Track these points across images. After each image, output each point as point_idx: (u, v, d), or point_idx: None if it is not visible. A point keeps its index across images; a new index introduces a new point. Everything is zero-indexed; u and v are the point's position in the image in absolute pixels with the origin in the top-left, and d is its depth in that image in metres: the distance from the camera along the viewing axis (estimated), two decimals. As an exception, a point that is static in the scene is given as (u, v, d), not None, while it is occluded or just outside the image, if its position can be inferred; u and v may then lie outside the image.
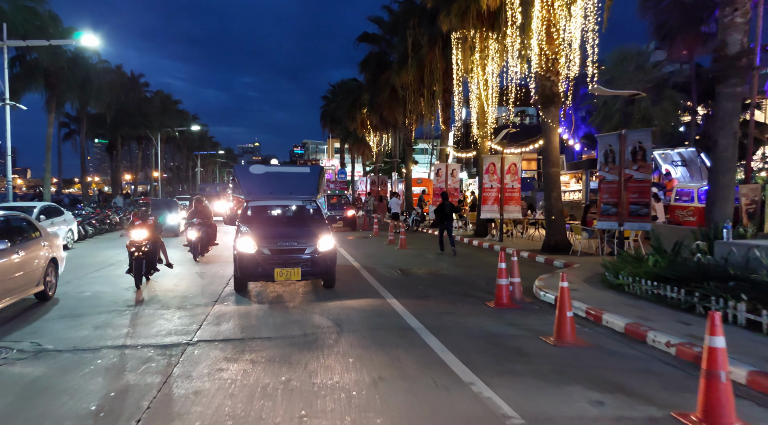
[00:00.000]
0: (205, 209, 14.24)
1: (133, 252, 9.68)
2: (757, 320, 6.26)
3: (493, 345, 6.33)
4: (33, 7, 21.94)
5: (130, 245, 9.81)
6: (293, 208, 11.49)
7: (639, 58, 22.67)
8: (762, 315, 6.17)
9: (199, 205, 14.32)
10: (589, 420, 4.22)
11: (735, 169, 9.54)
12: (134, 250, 9.66)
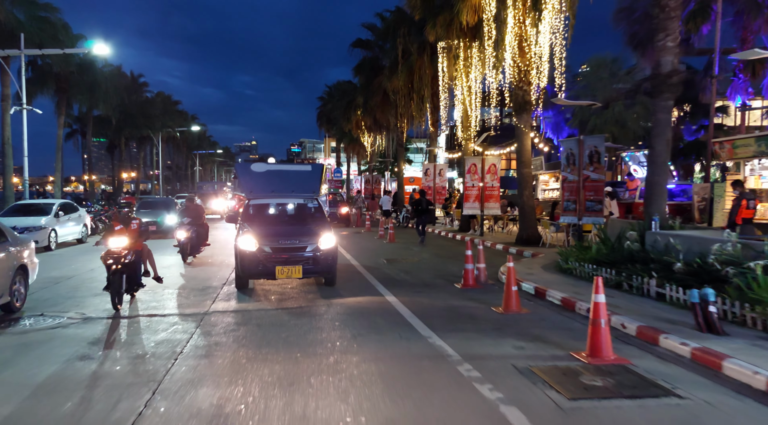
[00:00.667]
0: (197, 208, 13.81)
1: (110, 265, 7.78)
2: (662, 292, 7.82)
3: (451, 313, 7.88)
4: (46, 17, 23.38)
5: (106, 256, 7.88)
6: (295, 206, 11.44)
7: (613, 65, 24.27)
8: (665, 289, 7.73)
9: (191, 203, 13.95)
10: (509, 357, 5.76)
11: (667, 171, 11.10)
12: (112, 263, 7.79)
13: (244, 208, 10.97)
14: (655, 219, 9.70)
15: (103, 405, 4.55)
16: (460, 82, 20.56)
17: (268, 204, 11.20)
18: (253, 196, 10.98)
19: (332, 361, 5.64)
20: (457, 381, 5.03)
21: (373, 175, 40.64)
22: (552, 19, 14.90)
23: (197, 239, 13.25)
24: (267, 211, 11.11)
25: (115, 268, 7.83)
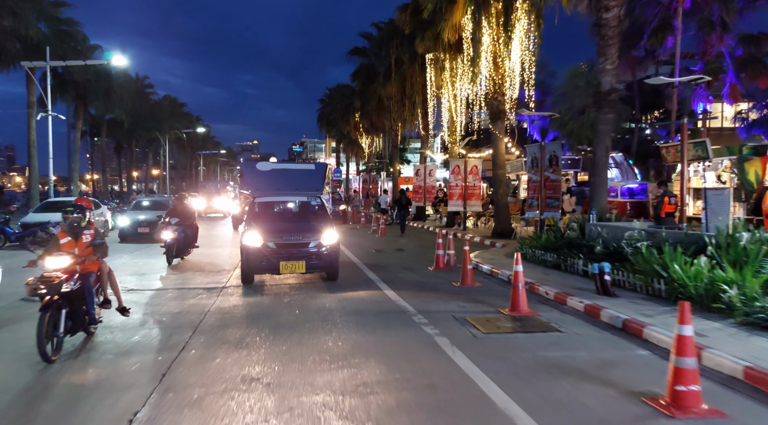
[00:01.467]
0: (185, 208, 13.26)
1: (43, 296, 5.51)
2: (586, 270, 9.88)
3: (419, 286, 9.94)
4: (68, 30, 25.47)
5: (36, 284, 5.50)
6: (298, 204, 11.83)
7: (588, 74, 26.29)
8: (588, 267, 9.78)
9: (180, 202, 13.38)
10: (451, 312, 7.80)
11: (606, 173, 13.14)
12: (45, 293, 5.50)
13: (249, 206, 11.32)
14: (593, 213, 11.76)
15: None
16: (447, 91, 22.59)
17: (272, 202, 11.56)
18: (259, 194, 11.22)
19: (322, 316, 7.70)
20: (410, 324, 7.09)
21: (371, 175, 42.73)
22: (522, 39, 16.96)
23: (185, 241, 12.68)
24: (272, 209, 11.50)
25: (48, 300, 5.54)
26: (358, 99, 35.76)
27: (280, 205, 11.94)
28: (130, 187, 45.17)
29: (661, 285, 7.89)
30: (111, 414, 4.34)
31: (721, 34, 20.19)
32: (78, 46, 26.10)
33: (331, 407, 4.41)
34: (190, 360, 5.67)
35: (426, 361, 5.56)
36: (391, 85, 27.80)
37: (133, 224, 18.28)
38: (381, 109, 32.27)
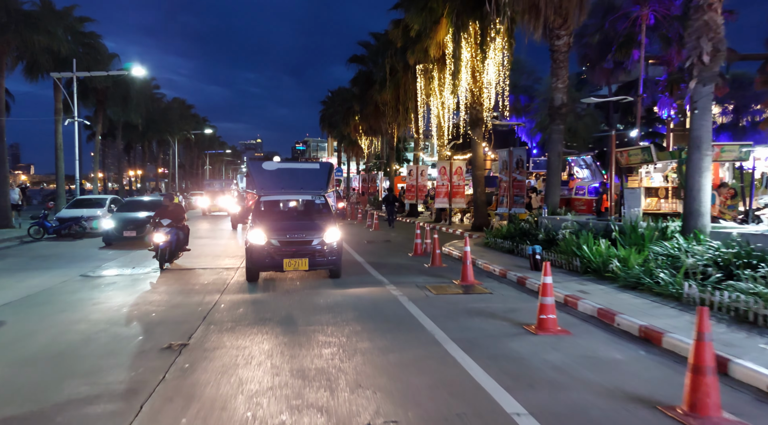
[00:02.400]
0: (176, 209, 12.58)
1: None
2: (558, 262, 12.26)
3: (397, 267, 12.34)
4: (90, 42, 27.95)
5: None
6: (303, 202, 12.10)
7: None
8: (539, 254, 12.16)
9: (170, 203, 12.66)
10: (416, 283, 10.19)
11: (559, 174, 15.52)
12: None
13: (254, 204, 11.54)
14: (545, 208, 14.16)
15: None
16: (435, 99, 24.94)
17: (277, 200, 11.84)
18: (264, 193, 11.46)
19: (316, 286, 10.13)
20: (383, 288, 9.51)
21: (370, 174, 45.14)
22: (495, 56, 19.32)
23: (176, 243, 12.16)
24: (276, 207, 11.77)
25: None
26: (357, 103, 38.15)
27: (285, 204, 12.21)
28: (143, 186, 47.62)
29: (576, 262, 10.29)
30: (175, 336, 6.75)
31: (678, 49, 22.49)
32: (98, 57, 28.55)
33: (319, 331, 6.84)
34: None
35: (387, 309, 7.98)
36: (386, 91, 30.17)
37: (119, 226, 16.69)
38: (378, 113, 34.66)
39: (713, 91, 10.27)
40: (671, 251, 9.07)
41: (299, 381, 5.05)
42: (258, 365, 5.53)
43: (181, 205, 13.28)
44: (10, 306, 8.44)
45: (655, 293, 8.11)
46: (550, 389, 4.81)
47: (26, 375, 5.34)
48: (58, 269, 12.06)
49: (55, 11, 25.02)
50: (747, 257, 7.99)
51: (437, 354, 5.85)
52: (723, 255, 8.26)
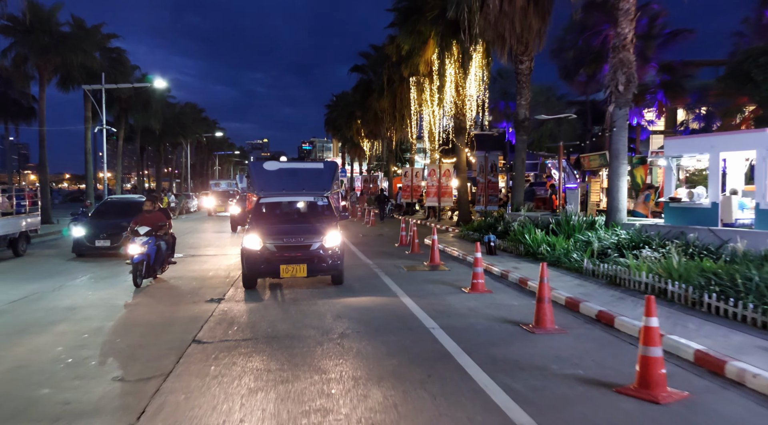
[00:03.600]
0: (157, 214, 10.73)
1: None
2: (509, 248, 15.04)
3: (383, 253, 15.14)
4: (116, 56, 30.97)
5: None
6: (303, 204, 11.48)
7: (548, 92, 31.29)
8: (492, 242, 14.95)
9: (151, 206, 10.76)
10: (396, 264, 13.00)
11: (523, 177, 18.26)
12: None
13: (254, 207, 11.13)
14: (509, 205, 16.93)
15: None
16: (426, 108, 27.73)
17: (276, 202, 11.29)
18: (264, 194, 11.04)
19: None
20: (367, 267, 12.32)
21: (371, 175, 47.97)
22: (476, 73, 22.07)
23: (158, 256, 10.30)
24: (275, 210, 11.20)
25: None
26: (359, 109, 41.02)
27: (285, 206, 11.59)
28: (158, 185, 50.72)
29: (521, 247, 13.06)
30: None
31: (641, 64, 25.10)
32: (123, 69, 31.56)
33: (308, 289, 9.66)
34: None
35: (368, 280, 10.80)
36: (384, 99, 33.01)
37: (90, 234, 14.37)
38: (377, 119, 37.50)
39: (627, 113, 12.99)
40: (588, 238, 11.83)
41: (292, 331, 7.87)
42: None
43: (165, 210, 11.41)
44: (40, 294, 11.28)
45: (566, 268, 10.88)
46: (458, 317, 7.61)
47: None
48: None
49: (87, 30, 28.01)
50: (636, 241, 10.75)
51: (395, 302, 8.66)
52: (623, 241, 11.02)
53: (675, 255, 8.54)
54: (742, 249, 8.88)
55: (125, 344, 6.56)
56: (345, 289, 9.82)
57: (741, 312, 6.62)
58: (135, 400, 4.74)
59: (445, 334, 6.71)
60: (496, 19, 16.66)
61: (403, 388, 4.92)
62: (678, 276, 7.91)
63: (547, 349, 6.10)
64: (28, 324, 7.57)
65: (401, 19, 24.67)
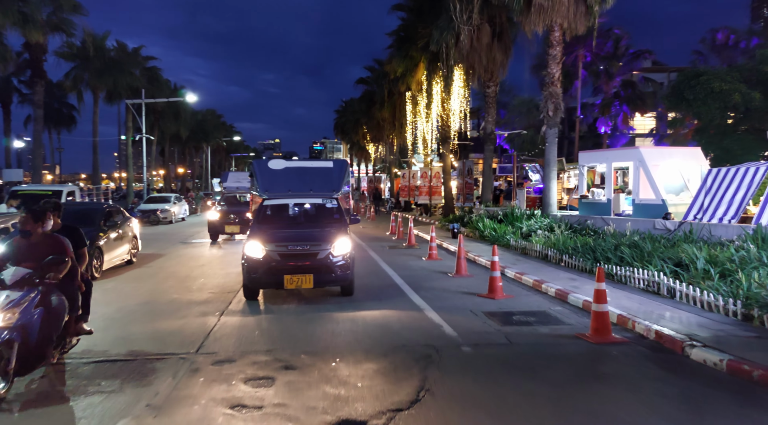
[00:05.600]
0: (47, 240, 5.43)
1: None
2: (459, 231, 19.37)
3: (375, 238, 19.53)
4: (153, 74, 35.71)
5: None
6: (311, 207, 10.63)
7: (530, 103, 35.47)
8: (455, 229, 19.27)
9: (33, 225, 5.34)
10: (384, 247, 17.38)
11: (491, 179, 22.54)
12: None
13: (257, 210, 10.47)
14: (477, 202, 21.24)
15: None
16: (420, 119, 32.08)
17: (281, 205, 10.48)
18: (269, 196, 10.34)
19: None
20: (362, 248, 16.72)
21: (375, 175, 52.38)
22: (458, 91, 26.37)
23: (43, 328, 5.02)
24: (280, 213, 10.42)
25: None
26: (364, 117, 45.46)
27: (290, 209, 10.61)
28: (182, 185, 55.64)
29: (478, 233, 17.38)
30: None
31: (606, 80, 29.32)
32: (158, 84, 36.27)
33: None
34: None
35: (361, 255, 15.19)
36: (385, 110, 37.41)
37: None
38: (380, 127, 41.92)
39: (557, 134, 17.26)
40: (524, 225, 16.12)
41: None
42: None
43: (62, 239, 5.51)
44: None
45: (503, 245, 15.18)
46: (411, 271, 11.97)
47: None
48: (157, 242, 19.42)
49: (129, 53, 32.74)
50: (552, 226, 15.04)
51: (375, 266, 13.05)
52: (543, 226, 15.31)
53: (559, 234, 12.86)
54: (611, 230, 13.16)
55: None
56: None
57: (573, 263, 10.94)
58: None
59: (400, 278, 11.07)
60: (467, 53, 20.98)
61: (372, 299, 9.31)
62: (553, 246, 12.23)
63: (455, 284, 10.45)
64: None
65: (397, 45, 29.05)
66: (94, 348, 6.22)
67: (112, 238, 11.82)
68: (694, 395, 4.94)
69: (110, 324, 7.38)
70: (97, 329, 6.40)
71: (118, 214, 13.01)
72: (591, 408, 4.66)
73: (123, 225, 12.87)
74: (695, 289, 7.71)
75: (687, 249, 9.45)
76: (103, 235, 11.37)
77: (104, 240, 11.32)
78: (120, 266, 12.55)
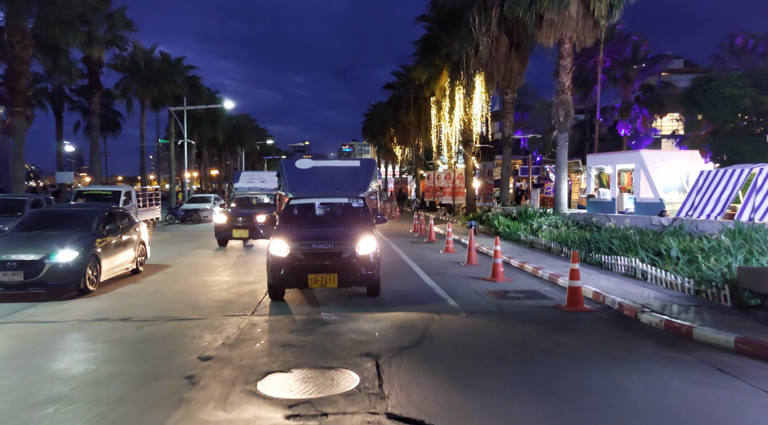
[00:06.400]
0: None
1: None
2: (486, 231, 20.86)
3: (399, 235, 21.18)
4: (193, 83, 38.21)
5: None
6: (337, 206, 10.70)
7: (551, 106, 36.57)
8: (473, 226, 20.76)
9: None
10: (407, 242, 19.03)
11: (509, 180, 23.92)
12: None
13: (283, 208, 10.59)
14: (497, 200, 22.67)
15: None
16: (444, 123, 33.61)
17: (307, 204, 10.53)
18: (295, 195, 10.42)
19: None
20: (386, 242, 18.40)
21: (402, 177, 54.03)
22: (480, 97, 27.84)
23: None
24: (305, 212, 10.48)
25: None
26: (390, 121, 47.18)
27: (316, 208, 10.72)
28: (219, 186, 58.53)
29: (493, 230, 18.86)
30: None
31: (624, 85, 30.30)
32: (198, 92, 38.76)
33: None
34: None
35: (385, 248, 16.87)
36: (410, 114, 39.05)
37: None
38: (406, 130, 43.58)
39: (567, 139, 18.61)
40: (535, 222, 17.54)
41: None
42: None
43: None
44: (180, 254, 17.82)
45: (515, 240, 16.65)
46: (428, 261, 13.58)
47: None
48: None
49: (172, 63, 35.24)
50: (560, 222, 16.43)
51: (396, 256, 14.70)
52: (552, 223, 16.72)
53: (562, 229, 14.28)
54: (612, 225, 14.51)
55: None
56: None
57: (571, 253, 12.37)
58: (270, 279, 11.16)
59: (418, 267, 12.70)
60: (486, 62, 22.45)
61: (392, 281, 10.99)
62: (556, 239, 13.67)
63: (465, 271, 12.02)
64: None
65: (422, 53, 30.68)
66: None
67: (113, 244, 10.53)
68: (629, 342, 6.45)
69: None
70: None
71: (121, 218, 11.62)
72: (546, 347, 6.24)
73: (128, 229, 11.52)
74: (662, 272, 9.12)
75: (666, 241, 10.82)
76: (101, 241, 10.09)
77: (101, 247, 9.98)
78: (124, 276, 11.34)
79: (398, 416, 4.39)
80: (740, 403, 4.69)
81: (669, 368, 5.52)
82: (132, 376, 5.42)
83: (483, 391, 4.92)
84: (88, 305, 8.81)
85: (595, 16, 17.25)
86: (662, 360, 5.76)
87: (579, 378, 5.26)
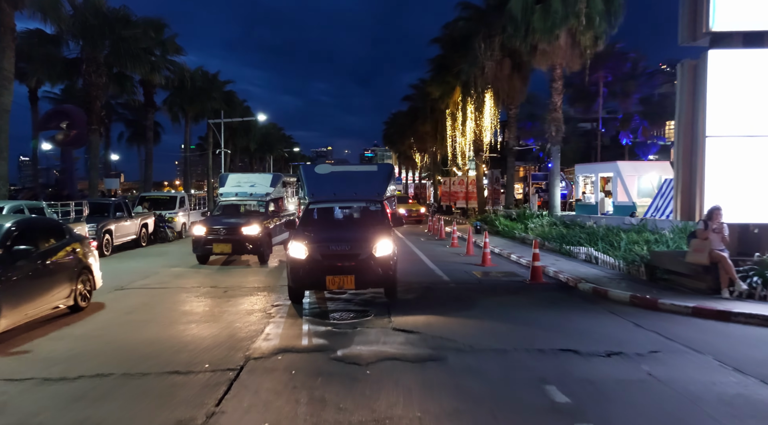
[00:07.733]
0: None
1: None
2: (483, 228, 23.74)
3: (415, 234, 24.19)
4: (229, 97, 41.92)
5: None
6: (354, 210, 11.07)
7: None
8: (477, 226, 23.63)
9: None
10: (421, 240, 22.02)
11: (513, 185, 26.74)
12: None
13: (302, 212, 10.78)
14: (501, 206, 25.55)
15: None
16: (458, 132, 36.55)
17: (325, 208, 10.82)
18: (314, 199, 10.57)
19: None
20: (402, 241, 21.45)
21: (422, 183, 57.02)
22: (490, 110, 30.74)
23: None
24: (324, 215, 10.75)
25: None
26: (409, 129, 50.31)
27: (334, 212, 11.07)
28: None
29: (495, 229, 21.74)
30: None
31: (623, 99, 32.87)
32: (234, 105, 42.46)
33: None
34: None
35: (400, 245, 19.93)
36: (427, 124, 42.09)
37: None
38: (423, 139, 46.62)
39: (559, 151, 21.44)
40: (533, 222, 20.38)
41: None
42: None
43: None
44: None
45: (511, 237, 19.52)
46: (435, 253, 16.57)
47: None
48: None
49: (210, 79, 38.93)
50: (552, 223, 19.27)
51: (409, 249, 17.73)
52: (545, 222, 19.56)
53: (545, 228, 17.15)
54: (591, 224, 17.32)
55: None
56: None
57: (549, 246, 15.27)
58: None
59: (426, 257, 15.71)
60: (491, 82, 25.42)
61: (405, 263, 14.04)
62: (540, 235, 16.55)
63: (463, 259, 14.98)
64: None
65: (436, 71, 33.78)
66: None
67: (26, 275, 7.10)
68: (561, 300, 9.39)
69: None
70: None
71: (47, 234, 8.13)
72: (503, 301, 9.26)
73: (57, 251, 8.02)
74: (607, 257, 11.99)
75: (621, 235, 13.67)
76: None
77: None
78: (48, 320, 7.79)
79: (399, 328, 7.45)
80: (608, 325, 7.63)
81: (577, 310, 8.48)
82: None
83: (452, 318, 7.96)
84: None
85: (582, 46, 20.08)
86: (576, 308, 8.70)
87: (514, 313, 8.31)
